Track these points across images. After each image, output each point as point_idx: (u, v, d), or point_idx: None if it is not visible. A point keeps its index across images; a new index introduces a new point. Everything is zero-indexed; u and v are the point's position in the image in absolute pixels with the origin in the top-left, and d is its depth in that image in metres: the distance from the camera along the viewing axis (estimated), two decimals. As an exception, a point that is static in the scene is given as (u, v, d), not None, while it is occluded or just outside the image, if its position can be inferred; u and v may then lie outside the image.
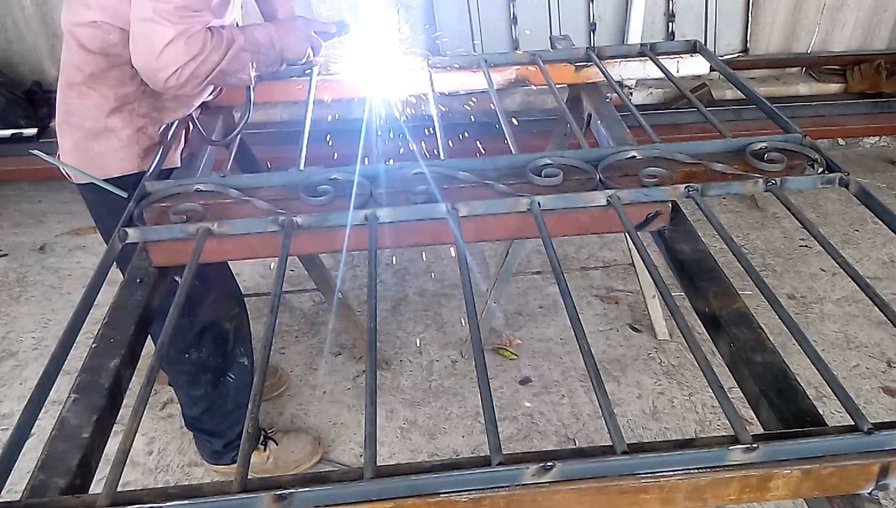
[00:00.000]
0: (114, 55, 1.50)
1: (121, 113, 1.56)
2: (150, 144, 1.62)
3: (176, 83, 1.39)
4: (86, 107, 1.55)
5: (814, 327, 2.71)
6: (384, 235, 1.19)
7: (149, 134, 1.61)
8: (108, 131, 1.57)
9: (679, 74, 1.78)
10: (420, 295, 2.95)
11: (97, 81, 1.52)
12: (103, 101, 1.54)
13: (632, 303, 2.87)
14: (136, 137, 1.59)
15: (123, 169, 1.60)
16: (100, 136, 1.57)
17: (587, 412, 2.38)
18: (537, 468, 0.77)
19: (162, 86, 1.41)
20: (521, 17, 3.48)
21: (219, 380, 1.97)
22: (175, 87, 1.40)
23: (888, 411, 2.35)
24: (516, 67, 1.79)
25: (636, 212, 1.22)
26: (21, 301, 2.95)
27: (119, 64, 1.51)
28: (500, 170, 1.28)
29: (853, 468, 0.81)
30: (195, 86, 1.42)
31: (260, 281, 3.05)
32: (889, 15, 3.80)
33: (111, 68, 1.51)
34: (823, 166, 1.25)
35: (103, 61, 1.50)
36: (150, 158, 1.61)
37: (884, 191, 3.63)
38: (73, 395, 0.96)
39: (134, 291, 1.16)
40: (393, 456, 2.24)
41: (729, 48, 3.75)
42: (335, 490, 0.75)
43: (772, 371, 0.97)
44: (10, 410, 2.41)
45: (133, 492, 0.77)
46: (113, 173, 1.59)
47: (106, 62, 1.50)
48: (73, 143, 1.59)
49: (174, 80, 1.39)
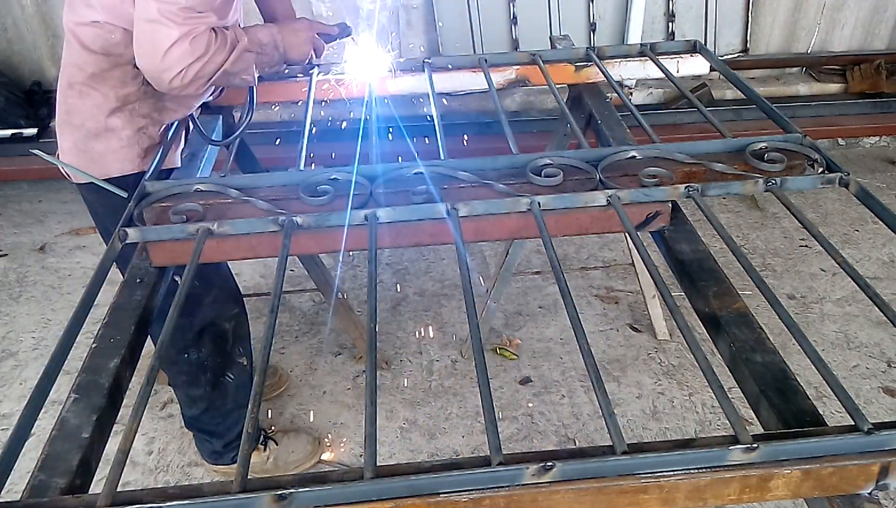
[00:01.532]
0: (115, 55, 1.50)
1: (122, 113, 1.56)
2: (151, 144, 1.62)
3: (180, 84, 1.40)
4: (86, 106, 1.55)
5: (814, 327, 2.71)
6: (384, 235, 1.19)
7: (149, 134, 1.61)
8: (108, 131, 1.57)
9: (679, 74, 1.78)
10: (420, 295, 2.95)
11: (98, 80, 1.53)
12: (104, 100, 1.54)
13: (632, 303, 2.87)
14: (136, 137, 1.59)
15: (123, 169, 1.60)
16: (100, 135, 1.57)
17: (587, 412, 2.38)
18: (537, 468, 0.77)
19: (166, 87, 1.41)
20: (521, 17, 3.48)
21: (218, 380, 1.97)
22: (179, 87, 1.40)
23: (888, 411, 2.35)
24: (516, 67, 1.79)
25: (636, 212, 1.23)
26: (21, 301, 2.95)
27: (121, 64, 1.51)
28: (500, 170, 1.28)
29: (853, 468, 0.81)
30: (199, 87, 1.43)
31: (260, 281, 3.05)
32: (889, 15, 3.80)
33: (113, 68, 1.51)
34: (823, 166, 1.25)
35: (105, 61, 1.50)
36: (151, 158, 1.61)
37: (884, 191, 3.63)
38: (73, 395, 0.96)
39: (134, 291, 1.16)
40: (393, 456, 2.24)
41: (729, 48, 3.75)
42: (335, 490, 0.75)
43: (772, 371, 0.97)
44: (10, 410, 2.41)
45: (133, 492, 0.77)
46: (113, 173, 1.59)
47: (107, 62, 1.50)
48: (73, 142, 1.59)
49: (178, 80, 1.39)
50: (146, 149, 1.62)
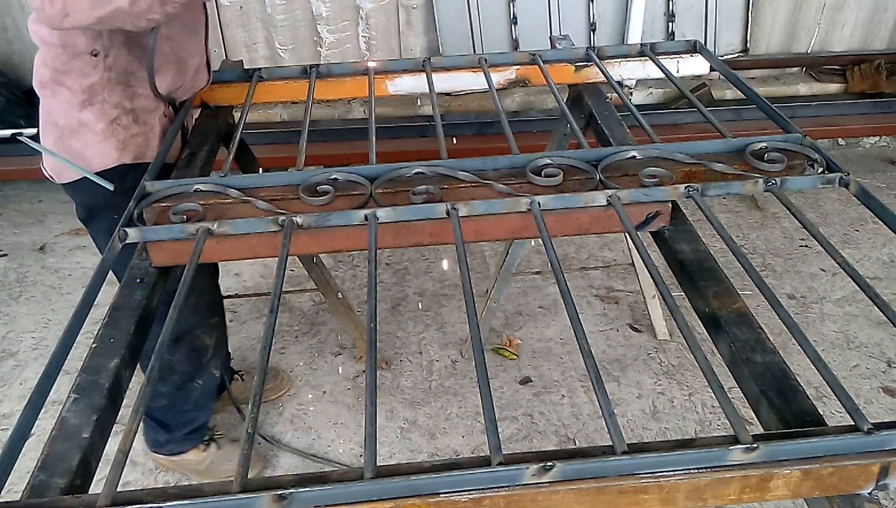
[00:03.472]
0: (70, 45, 1.48)
1: (92, 106, 1.55)
2: (127, 135, 1.60)
3: (55, 11, 1.30)
4: (59, 104, 1.55)
5: (814, 327, 2.71)
6: (384, 235, 1.19)
7: (123, 125, 1.59)
8: (82, 127, 1.56)
9: (679, 74, 1.78)
10: (420, 295, 2.95)
11: (63, 75, 1.52)
12: (72, 95, 1.53)
13: (632, 303, 2.87)
14: (111, 129, 1.57)
15: (104, 163, 1.59)
16: (75, 132, 1.56)
17: (587, 412, 2.38)
18: (537, 468, 0.77)
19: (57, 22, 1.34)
20: (521, 17, 3.48)
21: (185, 384, 1.98)
22: (59, 15, 1.31)
23: (888, 411, 2.35)
24: (516, 67, 1.79)
25: (636, 212, 1.23)
26: (21, 301, 2.95)
27: (78, 54, 1.50)
28: (500, 170, 1.29)
29: (853, 468, 0.81)
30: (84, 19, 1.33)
31: (260, 281, 3.05)
32: (889, 15, 3.80)
33: (72, 59, 1.50)
34: (823, 166, 1.25)
35: (63, 53, 1.49)
36: (129, 150, 1.60)
37: (884, 191, 3.63)
38: (73, 395, 0.96)
39: (134, 291, 1.16)
40: (393, 456, 2.24)
41: (729, 48, 3.75)
42: (335, 490, 0.75)
43: (772, 371, 0.97)
44: (10, 410, 2.41)
45: (133, 492, 0.77)
46: (95, 168, 1.58)
47: (65, 54, 1.49)
48: (54, 142, 1.58)
49: (51, 7, 1.30)
50: (123, 141, 1.59)
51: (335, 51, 3.51)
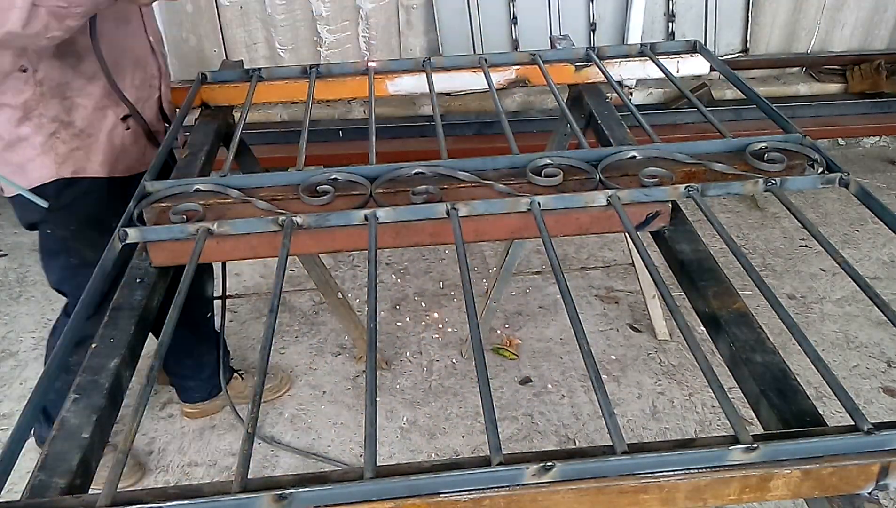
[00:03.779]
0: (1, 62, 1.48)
1: (29, 121, 1.54)
2: (67, 149, 1.60)
3: None
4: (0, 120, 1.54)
5: (814, 327, 2.71)
6: (384, 235, 1.19)
7: (63, 139, 1.58)
8: (21, 141, 1.56)
9: (679, 74, 1.78)
10: (420, 295, 2.95)
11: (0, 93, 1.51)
12: (11, 111, 1.53)
13: (632, 303, 2.87)
14: (49, 142, 1.57)
15: (42, 177, 1.59)
16: (14, 146, 1.56)
17: (587, 412, 2.38)
18: (537, 468, 0.77)
19: None
20: (521, 17, 3.48)
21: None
22: None
23: (888, 411, 2.35)
24: (516, 67, 1.79)
25: (636, 212, 1.23)
26: (21, 301, 2.95)
27: (7, 72, 1.49)
28: (500, 170, 1.28)
29: (853, 468, 0.81)
30: None
31: (260, 281, 3.05)
32: (889, 15, 3.80)
33: (5, 78, 1.50)
34: (823, 166, 1.25)
35: None
36: (68, 164, 1.60)
37: (884, 191, 3.63)
38: (73, 395, 0.96)
39: (134, 291, 1.16)
40: (393, 456, 2.24)
41: (729, 48, 3.75)
42: (335, 490, 0.75)
43: (772, 371, 0.97)
44: (10, 410, 2.41)
45: (133, 492, 0.77)
46: (34, 183, 1.59)
47: None
48: None
49: None
50: (63, 155, 1.59)
51: (335, 51, 3.50)
